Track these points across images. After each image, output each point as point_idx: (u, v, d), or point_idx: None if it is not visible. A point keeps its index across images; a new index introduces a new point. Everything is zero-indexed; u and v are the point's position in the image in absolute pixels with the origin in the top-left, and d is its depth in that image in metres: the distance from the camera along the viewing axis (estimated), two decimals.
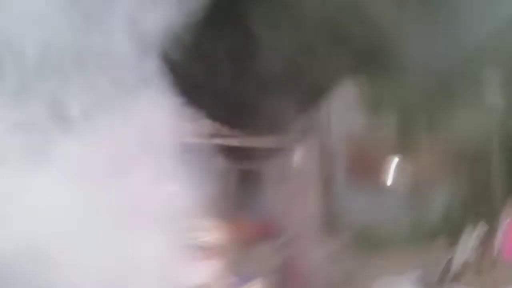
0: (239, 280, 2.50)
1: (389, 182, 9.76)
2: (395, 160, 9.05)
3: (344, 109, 9.06)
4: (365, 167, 9.10)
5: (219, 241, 2.62)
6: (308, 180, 8.38)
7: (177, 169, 2.38)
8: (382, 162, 9.21)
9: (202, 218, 2.64)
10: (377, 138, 9.10)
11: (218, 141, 8.65)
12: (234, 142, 8.40)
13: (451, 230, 7.81)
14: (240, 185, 11.98)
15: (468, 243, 6.96)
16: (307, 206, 8.17)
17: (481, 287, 6.42)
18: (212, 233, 2.63)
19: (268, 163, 10.36)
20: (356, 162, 9.00)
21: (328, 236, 7.88)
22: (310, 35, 6.04)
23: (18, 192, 2.00)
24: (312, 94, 8.74)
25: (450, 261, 6.61)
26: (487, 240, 6.78)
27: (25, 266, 1.87)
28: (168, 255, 2.12)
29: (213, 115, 8.29)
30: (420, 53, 6.94)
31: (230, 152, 10.36)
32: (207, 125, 8.18)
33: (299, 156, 8.57)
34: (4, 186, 1.97)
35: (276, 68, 6.03)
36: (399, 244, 7.41)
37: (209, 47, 5.18)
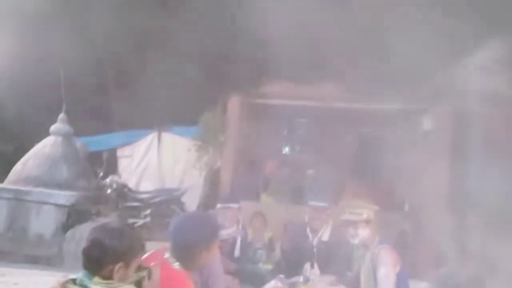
0: (380, 241, 2.88)
1: None
2: None
3: (485, 67, 8.02)
4: (507, 136, 8.04)
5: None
6: (438, 147, 7.76)
7: None
8: None
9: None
10: None
11: (341, 104, 8.53)
12: (358, 105, 8.15)
13: None
14: (362, 150, 11.75)
15: None
16: (435, 177, 7.63)
17: None
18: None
19: (395, 127, 9.88)
20: (496, 130, 7.98)
21: (458, 210, 7.31)
22: None
23: None
24: None
25: None
26: None
27: None
28: None
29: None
30: None
31: (353, 116, 10.15)
32: (330, 88, 8.10)
33: (429, 121, 7.95)
34: None
35: None
36: None
37: None
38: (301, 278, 3.30)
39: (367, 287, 2.75)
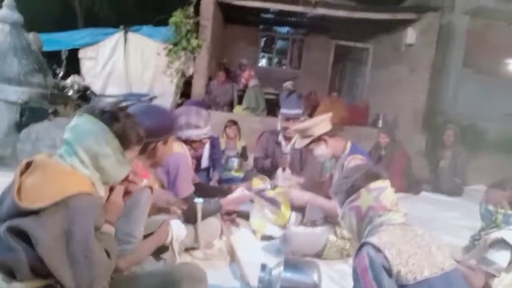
0: (351, 149, 2.72)
1: None
2: None
3: None
4: (485, 53, 7.87)
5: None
6: (419, 62, 7.52)
7: None
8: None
9: None
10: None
11: (324, 11, 7.96)
12: (342, 13, 7.60)
13: None
14: (341, 64, 11.42)
15: None
16: (413, 93, 7.50)
17: None
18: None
19: (377, 40, 9.48)
20: (475, 46, 7.77)
21: (432, 126, 7.31)
22: None
23: None
24: None
25: None
26: None
27: None
28: None
29: None
30: None
31: (334, 27, 9.63)
32: None
33: (414, 34, 7.59)
34: None
35: None
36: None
37: None
38: (268, 185, 3.19)
39: None
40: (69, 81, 5.84)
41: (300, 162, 3.49)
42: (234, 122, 5.59)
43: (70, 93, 5.48)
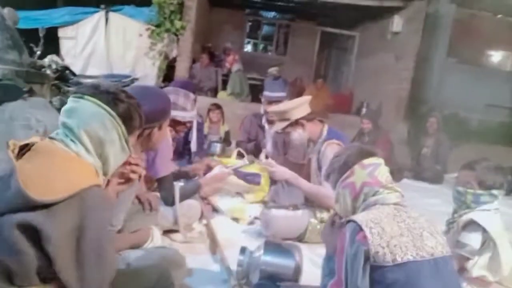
0: (328, 134, 2.66)
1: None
2: None
3: None
4: (469, 42, 7.93)
5: None
6: (405, 50, 7.51)
7: None
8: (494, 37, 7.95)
9: None
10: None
11: None
12: None
13: None
14: (326, 51, 11.34)
15: None
16: (398, 80, 7.51)
17: None
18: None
19: (363, 27, 9.42)
20: (460, 35, 7.81)
21: (415, 114, 7.34)
22: None
23: None
24: None
25: None
26: None
27: None
28: None
29: None
30: None
31: (320, 14, 9.52)
32: None
33: (400, 21, 7.55)
34: None
35: None
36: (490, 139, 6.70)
37: None
38: (246, 161, 3.17)
39: (315, 182, 2.60)
40: (46, 60, 5.62)
41: (284, 146, 3.43)
42: (217, 106, 5.50)
43: (48, 72, 5.27)
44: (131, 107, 1.22)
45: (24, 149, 1.07)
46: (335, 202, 1.47)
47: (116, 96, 1.19)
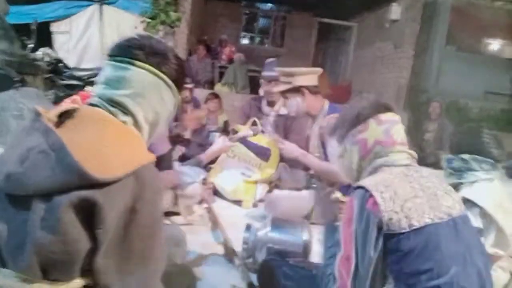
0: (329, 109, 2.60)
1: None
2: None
3: None
4: (468, 31, 7.85)
5: None
6: (403, 39, 7.42)
7: None
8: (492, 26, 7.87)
9: None
10: None
11: None
12: None
13: None
14: (324, 42, 11.24)
15: None
16: (397, 68, 7.42)
17: None
18: None
19: (361, 17, 9.32)
20: (458, 24, 7.73)
21: (414, 103, 7.25)
22: None
23: None
24: None
25: None
26: None
27: None
28: None
29: None
30: None
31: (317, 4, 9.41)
32: None
33: (398, 9, 7.46)
34: None
35: None
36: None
37: None
38: (250, 131, 3.09)
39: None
40: (40, 52, 5.51)
41: (285, 129, 3.34)
42: (215, 95, 5.40)
43: (41, 64, 5.16)
44: (179, 69, 1.04)
45: (62, 117, 0.89)
46: (338, 158, 1.29)
47: (165, 57, 1.01)
